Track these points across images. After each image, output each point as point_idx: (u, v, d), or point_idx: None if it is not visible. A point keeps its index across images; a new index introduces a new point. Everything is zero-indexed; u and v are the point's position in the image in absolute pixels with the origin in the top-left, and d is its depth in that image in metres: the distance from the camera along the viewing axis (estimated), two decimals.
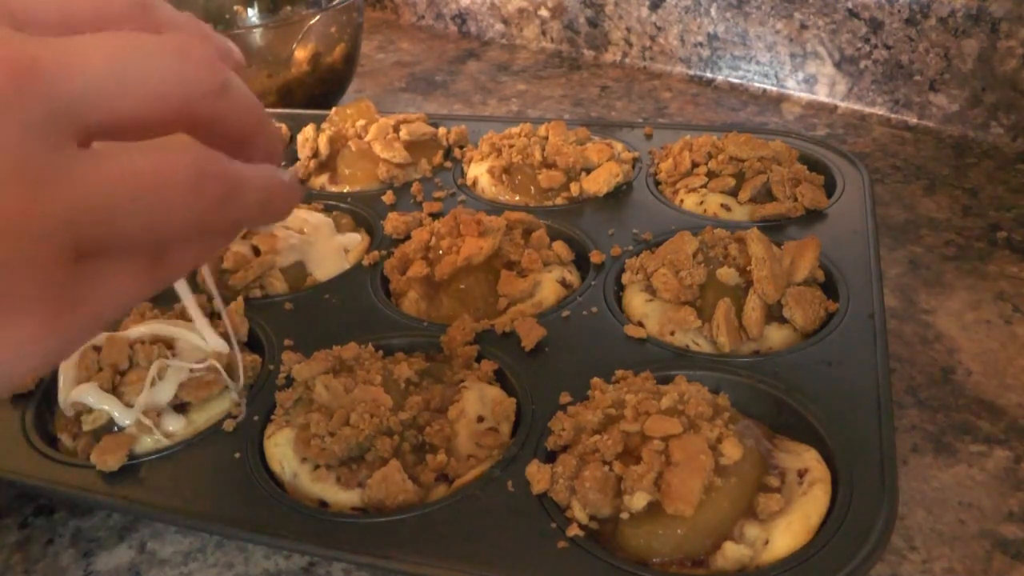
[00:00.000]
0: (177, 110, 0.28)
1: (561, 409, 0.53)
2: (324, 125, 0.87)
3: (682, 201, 0.74)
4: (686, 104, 1.11)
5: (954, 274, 0.74)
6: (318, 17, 1.04)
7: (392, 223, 0.73)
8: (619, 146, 0.82)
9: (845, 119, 1.03)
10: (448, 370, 0.57)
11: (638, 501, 0.45)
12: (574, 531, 0.45)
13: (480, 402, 0.54)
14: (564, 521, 0.46)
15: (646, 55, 1.21)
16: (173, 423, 0.56)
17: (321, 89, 1.09)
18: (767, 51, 1.08)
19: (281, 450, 0.53)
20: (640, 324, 0.61)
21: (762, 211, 0.70)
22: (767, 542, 0.45)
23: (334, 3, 1.07)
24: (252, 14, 1.22)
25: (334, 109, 0.90)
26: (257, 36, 1.04)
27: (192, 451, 0.54)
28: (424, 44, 1.41)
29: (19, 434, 0.57)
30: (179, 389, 0.56)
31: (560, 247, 0.69)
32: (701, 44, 1.14)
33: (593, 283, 0.65)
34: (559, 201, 0.76)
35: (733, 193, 0.73)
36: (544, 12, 1.29)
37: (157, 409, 0.56)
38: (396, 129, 0.84)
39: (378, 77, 1.30)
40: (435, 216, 0.74)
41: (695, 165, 0.75)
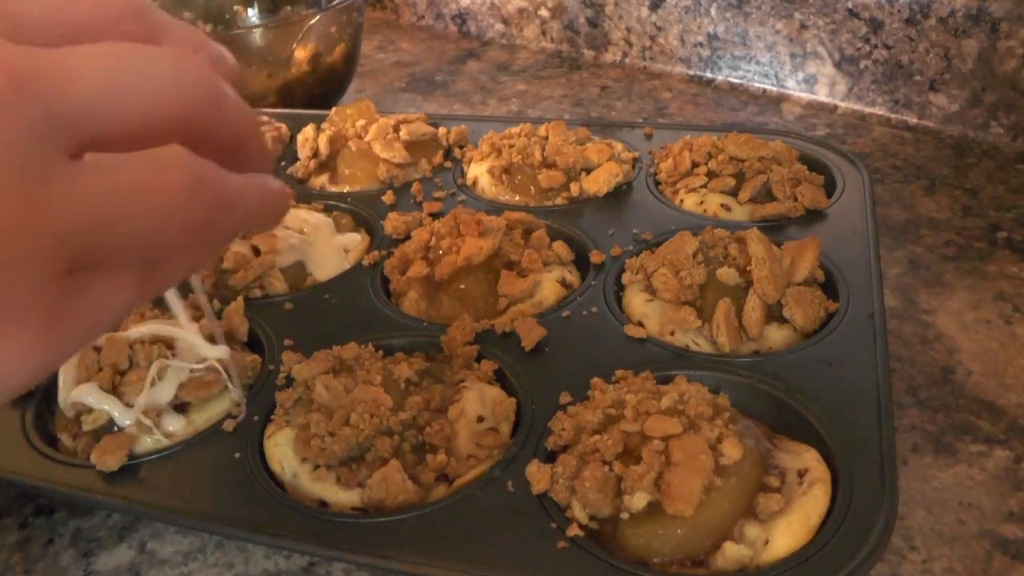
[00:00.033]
0: (171, 122, 0.28)
1: (561, 409, 0.53)
2: (324, 125, 0.87)
3: (682, 201, 0.74)
4: (686, 104, 1.11)
5: (954, 274, 0.74)
6: (318, 17, 1.04)
7: (392, 223, 0.73)
8: (619, 146, 0.82)
9: (845, 119, 1.02)
10: (448, 370, 0.57)
11: (638, 501, 0.45)
12: (574, 531, 0.45)
13: (480, 402, 0.54)
14: (564, 521, 0.46)
15: (646, 55, 1.21)
16: (173, 423, 0.56)
17: (321, 89, 1.09)
18: (767, 51, 1.08)
19: (281, 450, 0.53)
20: (640, 324, 0.61)
21: (762, 211, 0.70)
22: (767, 542, 0.45)
23: (334, 3, 1.07)
24: (252, 14, 1.22)
25: (334, 109, 0.90)
26: (257, 36, 1.04)
27: (192, 451, 0.55)
28: (424, 44, 1.41)
29: (19, 434, 0.57)
30: (179, 389, 0.56)
31: (560, 247, 0.69)
32: (701, 44, 1.14)
33: (593, 283, 0.65)
34: (559, 201, 0.76)
35: (733, 193, 0.73)
36: (544, 12, 1.29)
37: (157, 409, 0.56)
38: (396, 129, 0.84)
39: (378, 77, 1.30)
40: (435, 216, 0.74)
41: (695, 165, 0.75)
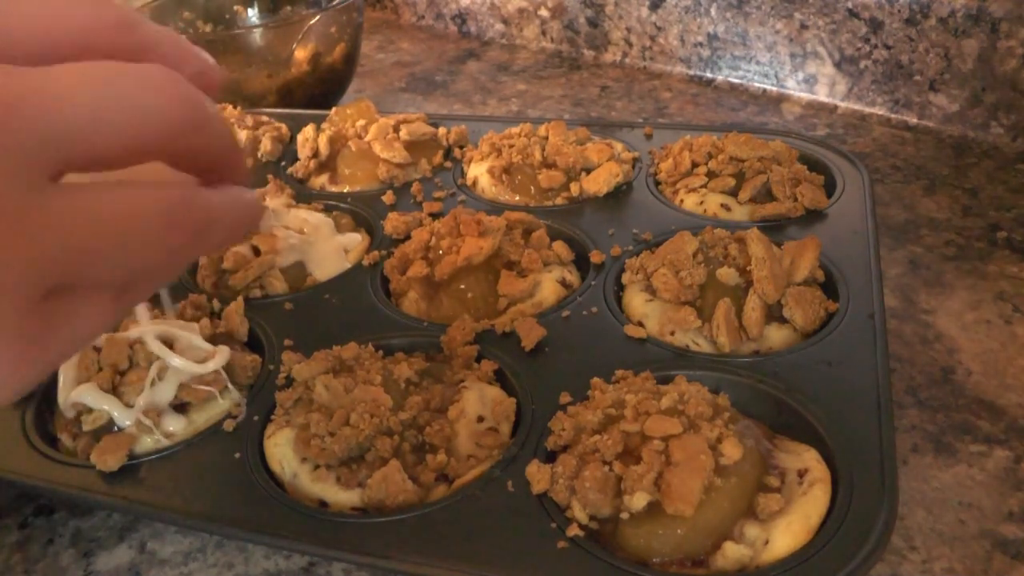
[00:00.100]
0: (154, 145, 0.28)
1: (561, 409, 0.53)
2: (324, 125, 0.87)
3: (682, 201, 0.74)
4: (686, 104, 1.11)
5: (954, 274, 0.74)
6: (318, 17, 1.05)
7: (392, 223, 0.73)
8: (619, 146, 0.82)
9: (845, 119, 1.02)
10: (448, 370, 0.57)
11: (638, 501, 0.45)
12: (574, 531, 0.45)
13: (480, 402, 0.54)
14: (564, 521, 0.46)
15: (646, 55, 1.21)
16: (173, 423, 0.56)
17: (321, 89, 1.09)
18: (767, 51, 1.08)
19: (281, 450, 0.53)
20: (640, 324, 0.61)
21: (762, 211, 0.70)
22: (767, 542, 0.45)
23: (334, 3, 1.07)
24: (252, 14, 1.22)
25: (334, 109, 0.90)
26: (257, 36, 1.04)
27: (192, 451, 0.55)
28: (424, 44, 1.41)
29: (19, 434, 0.57)
30: (179, 389, 0.56)
31: (560, 247, 0.69)
32: (701, 44, 1.14)
33: (593, 283, 0.65)
34: (559, 201, 0.76)
35: (733, 193, 0.73)
36: (544, 12, 1.29)
37: (157, 409, 0.56)
38: (396, 129, 0.84)
39: (378, 77, 1.30)
40: (435, 216, 0.74)
41: (695, 165, 0.75)
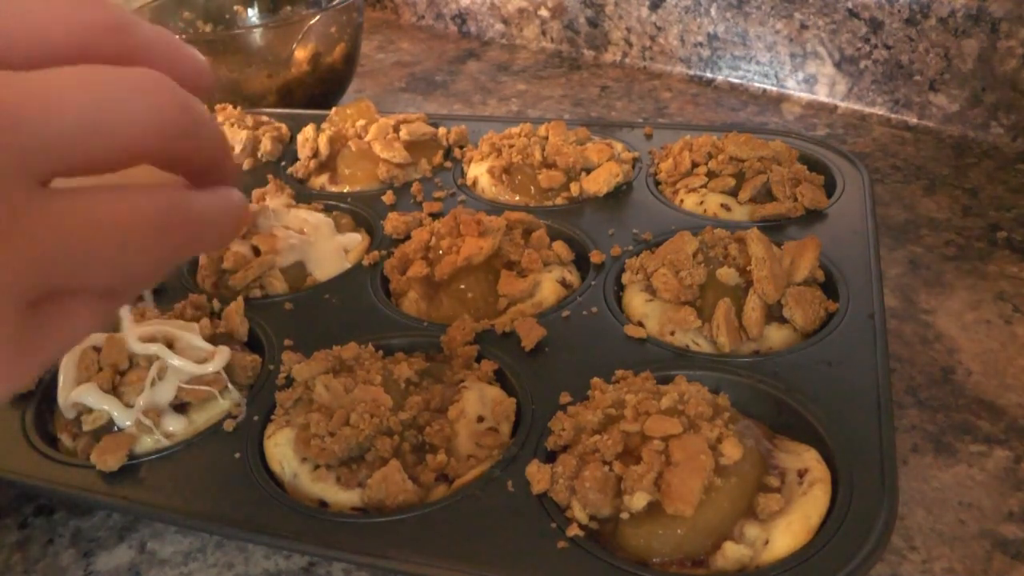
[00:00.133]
0: (145, 151, 0.28)
1: (561, 409, 0.53)
2: (324, 125, 0.87)
3: (682, 201, 0.74)
4: (686, 104, 1.11)
5: (954, 274, 0.74)
6: (318, 17, 1.04)
7: (392, 223, 0.73)
8: (619, 146, 0.82)
9: (845, 119, 1.02)
10: (448, 370, 0.57)
11: (638, 501, 0.45)
12: (574, 531, 0.45)
13: (480, 402, 0.54)
14: (564, 521, 0.46)
15: (646, 55, 1.21)
16: (173, 423, 0.56)
17: (321, 89, 1.09)
18: (767, 51, 1.08)
19: (281, 450, 0.53)
20: (640, 324, 0.61)
21: (762, 211, 0.70)
22: (767, 542, 0.45)
23: (334, 3, 1.07)
24: (252, 14, 1.22)
25: (334, 109, 0.90)
26: (257, 36, 1.04)
27: (192, 451, 0.55)
28: (424, 44, 1.41)
29: (19, 434, 0.57)
30: (179, 389, 0.56)
31: (560, 247, 0.69)
32: (701, 44, 1.14)
33: (593, 283, 0.65)
34: (559, 201, 0.76)
35: (733, 193, 0.73)
36: (544, 12, 1.29)
37: (157, 409, 0.56)
38: (396, 129, 0.84)
39: (378, 77, 1.30)
40: (435, 216, 0.74)
41: (695, 165, 0.75)
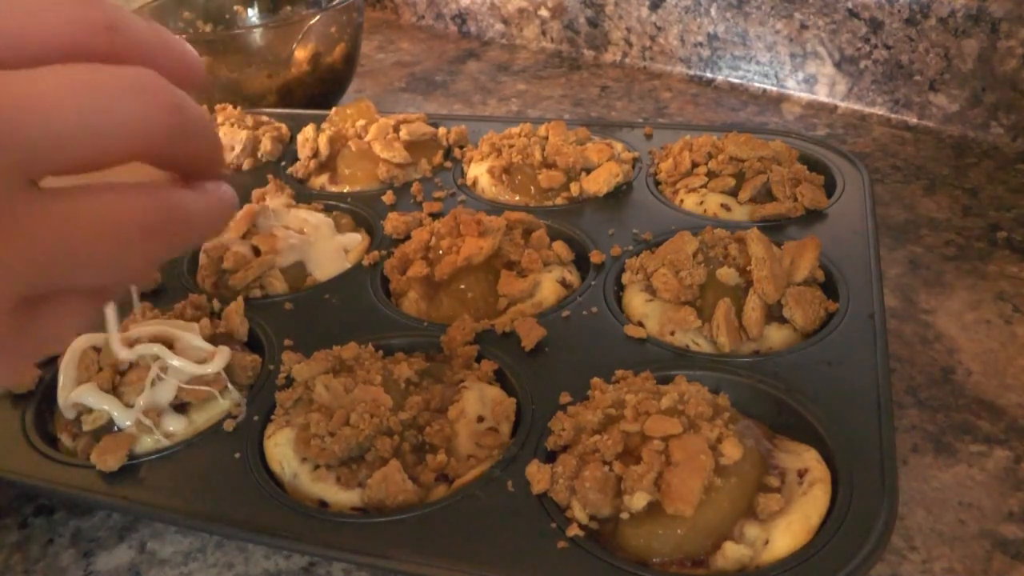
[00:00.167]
0: (137, 150, 0.28)
1: (561, 409, 0.53)
2: (324, 125, 0.87)
3: (682, 201, 0.74)
4: (686, 104, 1.11)
5: (954, 274, 0.74)
6: (318, 17, 1.04)
7: (392, 223, 0.73)
8: (619, 146, 0.82)
9: (845, 119, 1.02)
10: (448, 370, 0.57)
11: (638, 501, 0.45)
12: (574, 531, 0.45)
13: (480, 402, 0.54)
14: (564, 521, 0.46)
15: (646, 55, 1.21)
16: (173, 423, 0.56)
17: (321, 89, 1.09)
18: (767, 51, 1.08)
19: (281, 450, 0.53)
20: (640, 324, 0.61)
21: (762, 211, 0.70)
22: (767, 542, 0.45)
23: (334, 3, 1.07)
24: (252, 14, 1.22)
25: (334, 109, 0.90)
26: (257, 36, 1.04)
27: (192, 451, 0.55)
28: (424, 44, 1.41)
29: (19, 434, 0.56)
30: (179, 389, 0.56)
31: (560, 247, 0.69)
32: (701, 44, 1.14)
33: (593, 283, 0.65)
34: (559, 201, 0.76)
35: (733, 193, 0.73)
36: (544, 12, 1.29)
37: (157, 409, 0.56)
38: (396, 129, 0.84)
39: (378, 77, 1.30)
40: (435, 216, 0.74)
41: (695, 165, 0.75)
